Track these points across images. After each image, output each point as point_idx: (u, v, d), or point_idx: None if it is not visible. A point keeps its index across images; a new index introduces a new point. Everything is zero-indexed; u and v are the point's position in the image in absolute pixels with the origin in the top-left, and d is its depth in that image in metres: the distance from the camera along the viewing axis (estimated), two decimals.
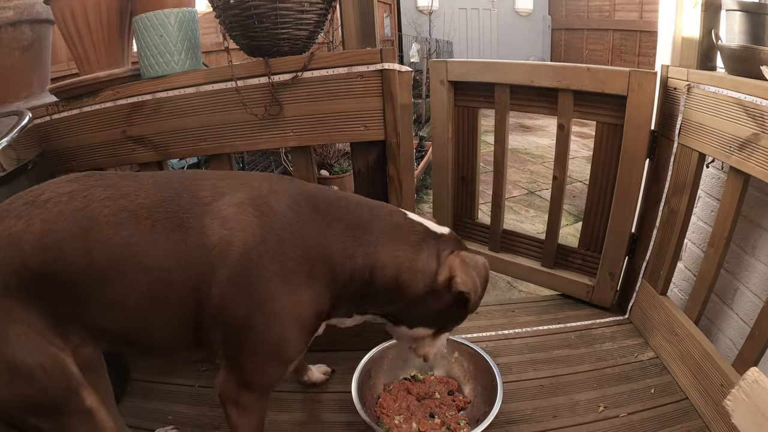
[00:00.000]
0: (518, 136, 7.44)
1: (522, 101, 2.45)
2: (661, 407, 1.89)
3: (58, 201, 1.20)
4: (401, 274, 1.34)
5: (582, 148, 6.44)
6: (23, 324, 1.17)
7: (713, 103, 1.87)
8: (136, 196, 1.24)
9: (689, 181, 2.03)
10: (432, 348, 1.58)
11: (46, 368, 1.20)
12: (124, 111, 1.96)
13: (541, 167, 6.07)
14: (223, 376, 1.34)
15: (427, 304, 1.40)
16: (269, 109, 1.85)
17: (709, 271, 1.93)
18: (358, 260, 1.31)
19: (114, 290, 1.20)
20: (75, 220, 1.18)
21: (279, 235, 1.25)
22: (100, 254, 1.18)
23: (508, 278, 3.56)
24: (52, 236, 1.17)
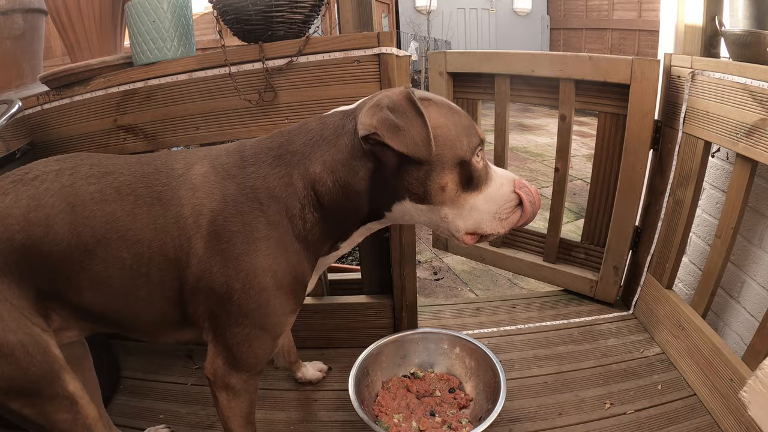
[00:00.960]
0: (518, 135, 7.42)
1: (523, 92, 2.42)
2: (668, 404, 1.85)
3: (44, 179, 1.21)
4: (336, 172, 1.22)
5: (582, 146, 6.43)
6: (6, 302, 1.17)
7: (718, 90, 1.84)
8: (120, 173, 1.26)
9: (695, 170, 1.99)
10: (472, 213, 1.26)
11: (29, 348, 1.19)
12: (115, 99, 1.93)
13: (541, 165, 6.06)
14: (212, 355, 1.32)
15: (377, 180, 1.23)
16: (263, 95, 1.81)
17: (716, 263, 1.89)
18: (297, 185, 1.24)
19: (99, 266, 1.21)
20: (62, 197, 1.19)
21: (235, 196, 1.23)
22: (86, 229, 1.19)
23: (509, 275, 3.52)
24: (38, 212, 1.18)
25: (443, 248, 2.91)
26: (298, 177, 1.23)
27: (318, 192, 1.23)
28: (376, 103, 1.16)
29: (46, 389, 1.23)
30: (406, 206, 1.24)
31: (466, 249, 2.80)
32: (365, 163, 1.21)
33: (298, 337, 1.93)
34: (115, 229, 1.20)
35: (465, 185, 1.23)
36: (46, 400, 1.23)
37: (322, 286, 2.16)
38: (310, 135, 1.26)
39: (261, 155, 1.26)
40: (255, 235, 1.22)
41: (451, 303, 2.59)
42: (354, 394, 1.71)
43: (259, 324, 1.27)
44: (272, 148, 1.27)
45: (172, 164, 1.29)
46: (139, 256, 1.21)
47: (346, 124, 1.24)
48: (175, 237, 1.21)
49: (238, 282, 1.22)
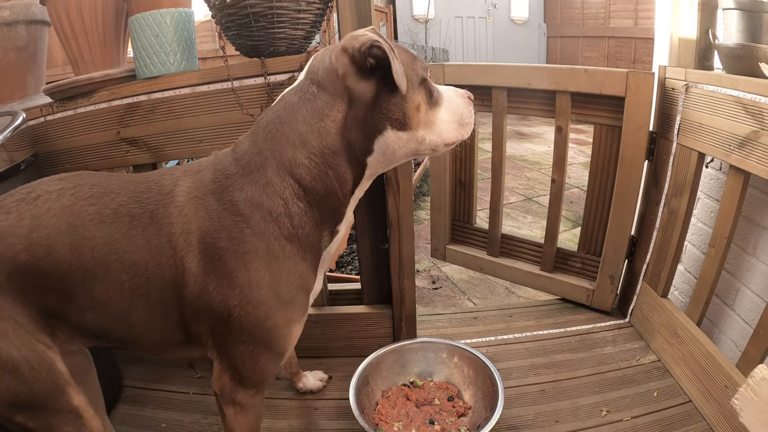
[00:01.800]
0: (515, 143, 7.43)
1: (520, 104, 2.44)
2: (664, 410, 1.87)
3: (47, 198, 1.22)
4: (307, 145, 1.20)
5: (579, 154, 6.44)
6: (10, 320, 1.18)
7: (712, 102, 1.86)
8: (117, 194, 1.25)
9: (689, 181, 2.02)
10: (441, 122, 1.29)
11: (33, 365, 1.20)
12: (118, 112, 1.95)
13: (538, 174, 6.07)
14: (218, 371, 1.33)
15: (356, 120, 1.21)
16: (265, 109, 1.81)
17: (710, 271, 1.91)
18: (275, 181, 1.21)
19: (100, 287, 1.21)
20: (63, 217, 1.20)
21: (217, 211, 1.21)
22: (87, 251, 1.19)
23: (506, 284, 3.54)
24: (40, 231, 1.18)
25: (441, 258, 2.93)
26: (273, 174, 1.20)
27: (297, 177, 1.20)
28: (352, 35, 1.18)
29: (52, 403, 1.25)
30: (388, 138, 1.22)
31: (464, 259, 2.84)
32: (334, 114, 1.20)
33: (299, 347, 1.94)
34: (114, 250, 1.20)
35: (429, 102, 1.27)
36: (51, 414, 1.25)
37: (322, 297, 2.17)
38: (270, 127, 1.23)
39: (232, 167, 1.24)
40: (243, 248, 1.20)
41: (450, 312, 2.61)
42: (354, 403, 1.73)
43: (261, 340, 1.26)
44: (239, 156, 1.24)
45: (161, 181, 1.28)
46: (137, 278, 1.21)
47: (302, 95, 1.22)
48: (169, 257, 1.21)
49: (235, 298, 1.21)
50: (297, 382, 1.99)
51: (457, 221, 2.85)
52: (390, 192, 1.91)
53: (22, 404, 1.22)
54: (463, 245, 2.87)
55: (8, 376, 1.18)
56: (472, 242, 2.84)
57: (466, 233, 2.84)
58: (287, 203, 1.21)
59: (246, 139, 1.28)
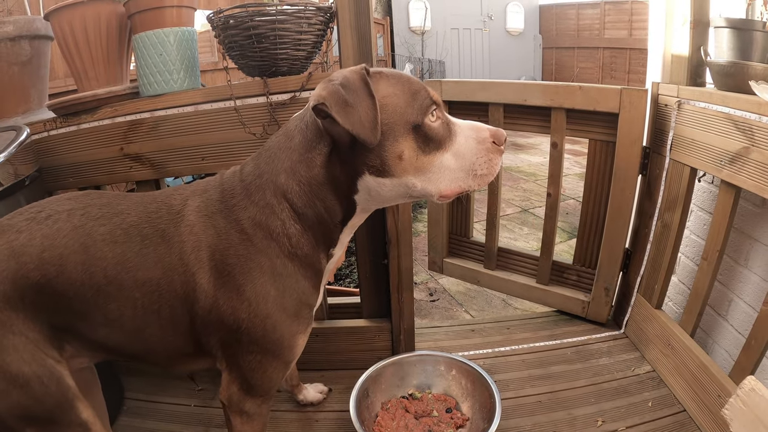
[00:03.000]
0: (510, 155, 7.48)
1: (516, 120, 2.47)
2: (659, 420, 1.89)
3: (57, 218, 1.25)
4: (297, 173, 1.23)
5: (574, 165, 6.48)
6: (21, 336, 1.21)
7: (703, 119, 1.90)
8: (127, 214, 1.29)
9: (681, 195, 2.05)
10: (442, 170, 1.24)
11: (43, 379, 1.22)
12: (122, 128, 1.97)
13: (534, 185, 6.10)
14: (226, 382, 1.36)
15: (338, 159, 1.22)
16: (267, 128, 1.86)
17: (704, 283, 1.94)
18: (272, 203, 1.24)
19: (112, 305, 1.24)
20: (74, 237, 1.23)
21: (225, 229, 1.25)
22: (99, 270, 1.22)
23: (503, 296, 3.56)
24: (52, 251, 1.21)
25: (439, 270, 2.95)
26: (270, 196, 1.24)
27: (291, 201, 1.23)
28: (330, 78, 1.15)
29: (61, 417, 1.27)
30: (368, 182, 1.21)
31: (462, 272, 2.86)
32: (321, 148, 1.21)
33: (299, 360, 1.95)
34: (126, 269, 1.23)
35: (424, 148, 1.19)
36: (60, 427, 1.28)
37: (322, 310, 2.19)
38: (271, 152, 1.27)
39: (238, 188, 1.27)
40: (249, 265, 1.24)
41: (447, 325, 2.63)
42: (355, 415, 1.75)
43: (269, 350, 1.30)
44: (244, 177, 1.28)
45: (170, 201, 1.32)
46: (149, 295, 1.24)
47: (298, 124, 1.25)
48: (181, 273, 1.24)
49: (243, 312, 1.25)
50: (297, 394, 2.01)
51: (455, 234, 2.88)
52: (389, 209, 1.93)
53: (33, 417, 1.24)
54: (460, 258, 2.89)
55: (19, 391, 1.20)
56: (469, 255, 2.86)
57: (463, 246, 2.86)
58: (285, 224, 1.25)
59: (251, 161, 1.32)
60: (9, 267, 1.19)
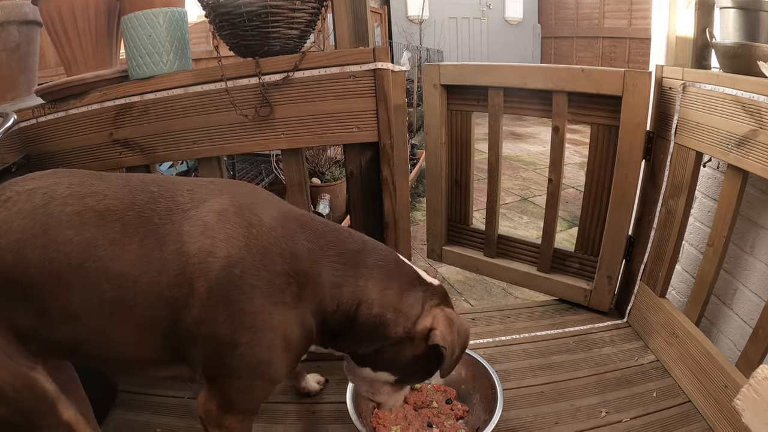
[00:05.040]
0: (510, 144, 7.42)
1: (516, 104, 2.42)
2: (663, 411, 1.86)
3: (17, 200, 1.13)
4: (386, 313, 1.28)
5: (574, 154, 6.44)
6: None
7: (709, 101, 1.85)
8: (104, 196, 1.17)
9: (686, 180, 2.01)
10: (390, 399, 1.53)
11: (16, 387, 1.15)
12: (111, 113, 1.92)
13: (534, 174, 6.06)
14: (205, 397, 1.27)
15: (399, 349, 1.33)
16: (259, 110, 1.81)
17: (709, 271, 1.90)
18: (347, 291, 1.26)
19: (74, 297, 1.12)
20: (33, 218, 1.11)
21: (266, 249, 1.18)
22: (60, 255, 1.10)
23: (503, 285, 3.52)
24: (9, 236, 1.09)
25: (438, 258, 2.91)
26: (351, 285, 1.25)
27: (359, 310, 1.26)
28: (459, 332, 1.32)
29: (41, 421, 1.21)
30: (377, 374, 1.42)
31: (461, 259, 2.82)
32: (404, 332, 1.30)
33: None
34: (94, 257, 1.11)
35: None
36: (42, 430, 1.22)
37: None
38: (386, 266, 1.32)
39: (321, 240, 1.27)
40: (280, 297, 1.19)
41: None
42: (351, 407, 1.71)
43: (261, 376, 1.24)
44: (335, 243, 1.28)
45: (173, 195, 1.21)
46: (121, 290, 1.12)
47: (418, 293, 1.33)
48: (171, 276, 1.13)
49: (245, 337, 1.17)
50: (299, 382, 1.96)
51: (454, 222, 2.83)
52: (386, 193, 1.90)
53: (10, 423, 1.18)
54: (459, 246, 2.85)
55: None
56: (469, 243, 2.82)
57: (463, 234, 2.82)
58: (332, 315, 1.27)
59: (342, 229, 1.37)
60: None
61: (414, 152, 5.92)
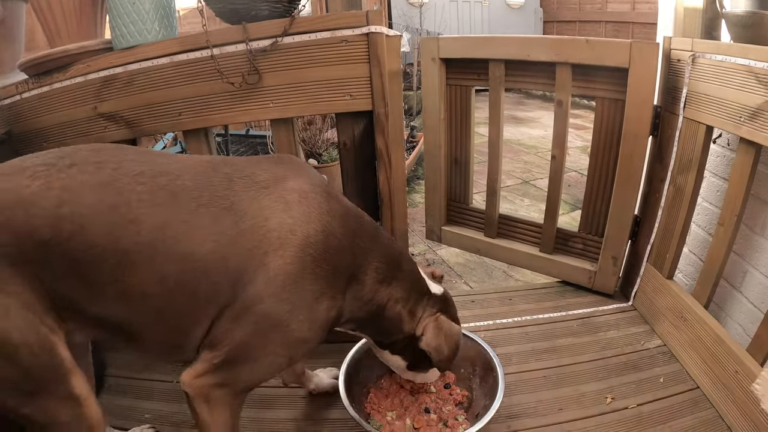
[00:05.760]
0: (511, 128, 7.37)
1: (518, 77, 2.36)
2: (671, 397, 1.81)
3: (83, 170, 1.09)
4: (403, 313, 1.44)
5: (576, 138, 6.38)
6: (15, 297, 1.05)
7: (720, 73, 1.78)
8: (177, 176, 1.16)
9: (696, 156, 1.94)
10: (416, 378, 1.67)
11: (34, 349, 1.08)
12: (95, 86, 1.87)
13: (535, 157, 6.01)
14: (201, 372, 1.20)
15: (408, 343, 1.50)
16: (247, 78, 1.75)
17: (719, 251, 1.84)
18: (383, 289, 1.38)
19: (136, 279, 1.09)
20: (102, 195, 1.08)
21: (340, 240, 1.24)
22: (128, 236, 1.07)
23: (504, 267, 3.48)
24: (71, 207, 1.05)
25: (437, 239, 2.86)
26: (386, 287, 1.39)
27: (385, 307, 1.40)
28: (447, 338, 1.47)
29: (50, 390, 1.14)
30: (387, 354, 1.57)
31: (461, 240, 2.77)
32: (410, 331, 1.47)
33: None
34: (164, 238, 1.09)
35: None
36: (48, 400, 1.14)
37: None
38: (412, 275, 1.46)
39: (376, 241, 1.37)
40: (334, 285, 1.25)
41: None
42: (344, 392, 1.65)
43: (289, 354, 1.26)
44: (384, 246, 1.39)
45: (251, 174, 1.22)
46: (188, 272, 1.11)
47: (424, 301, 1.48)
48: (245, 249, 1.13)
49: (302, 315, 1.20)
50: (307, 384, 1.86)
51: (453, 201, 2.77)
52: (381, 165, 1.85)
53: (17, 389, 1.11)
54: (459, 226, 2.80)
55: (4, 360, 1.06)
56: (469, 223, 2.76)
57: (463, 213, 2.77)
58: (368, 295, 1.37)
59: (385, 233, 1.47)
60: (14, 217, 1.03)
61: (413, 134, 5.87)
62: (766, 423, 1.49)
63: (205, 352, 1.20)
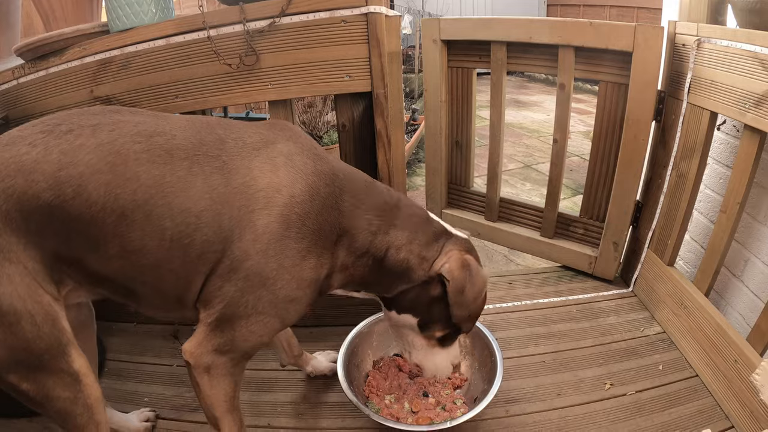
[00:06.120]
0: (513, 111, 7.33)
1: (520, 60, 2.33)
2: (670, 385, 1.81)
3: (80, 133, 1.11)
4: (410, 257, 1.35)
5: (579, 123, 6.34)
6: (19, 265, 1.07)
7: (726, 59, 1.76)
8: (172, 136, 1.18)
9: (699, 142, 1.92)
10: (428, 360, 1.54)
11: (36, 319, 1.09)
12: (91, 69, 1.84)
13: (537, 141, 5.98)
14: (200, 339, 1.22)
15: (420, 291, 1.39)
16: (245, 59, 1.73)
17: (721, 238, 1.83)
18: (378, 238, 1.33)
19: (135, 234, 1.12)
20: (100, 155, 1.10)
21: (325, 199, 1.24)
22: (126, 193, 1.10)
23: (504, 251, 3.47)
24: (71, 169, 1.07)
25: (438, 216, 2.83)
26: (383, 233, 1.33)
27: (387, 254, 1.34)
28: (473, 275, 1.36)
29: (50, 364, 1.13)
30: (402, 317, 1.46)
31: (461, 223, 2.75)
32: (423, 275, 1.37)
33: None
34: (161, 194, 1.11)
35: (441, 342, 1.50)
36: (47, 375, 1.14)
37: None
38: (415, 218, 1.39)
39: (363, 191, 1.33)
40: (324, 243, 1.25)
41: None
42: (343, 375, 1.65)
43: (281, 315, 1.25)
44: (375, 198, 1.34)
45: (242, 136, 1.23)
46: (183, 226, 1.13)
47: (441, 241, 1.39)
48: (234, 207, 1.15)
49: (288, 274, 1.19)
50: (305, 366, 1.87)
51: (454, 184, 2.76)
52: (380, 146, 1.83)
53: (17, 362, 1.10)
54: (459, 209, 2.79)
55: (5, 330, 1.06)
56: (470, 206, 2.75)
57: (463, 197, 2.76)
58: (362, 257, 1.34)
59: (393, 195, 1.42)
60: (15, 185, 1.05)
61: (415, 117, 5.84)
62: (765, 413, 1.48)
63: (201, 313, 1.22)
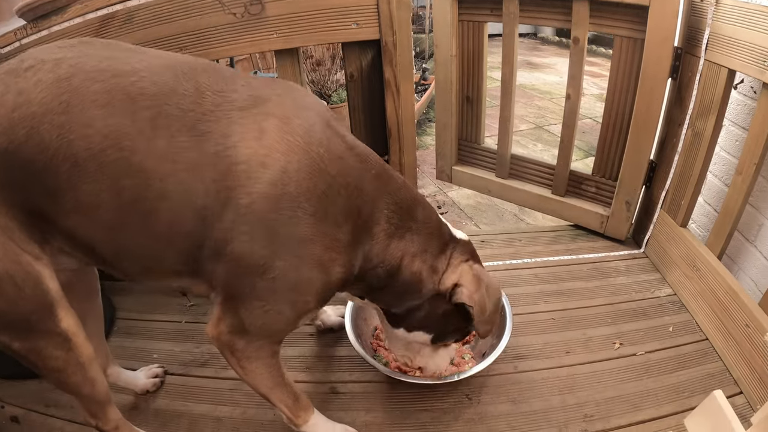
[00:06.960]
0: (525, 73, 7.21)
1: (533, 12, 2.25)
2: (679, 347, 1.80)
3: (39, 68, 0.98)
4: (422, 270, 1.24)
5: (592, 86, 6.25)
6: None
7: (746, 14, 1.70)
8: (140, 77, 1.01)
9: (716, 101, 1.86)
10: (431, 361, 1.50)
11: (17, 280, 1.03)
12: (94, 26, 1.79)
13: (549, 103, 5.91)
14: (216, 318, 1.16)
15: (431, 307, 1.31)
16: (249, 8, 1.70)
17: (736, 201, 1.79)
18: (394, 242, 1.20)
19: (88, 187, 0.99)
20: (55, 92, 0.97)
21: (332, 176, 1.07)
22: (79, 138, 0.97)
23: (515, 210, 3.46)
24: (24, 109, 0.96)
25: (447, 179, 2.83)
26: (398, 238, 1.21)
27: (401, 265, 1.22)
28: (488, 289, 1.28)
29: (37, 325, 1.09)
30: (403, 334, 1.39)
31: (472, 180, 2.74)
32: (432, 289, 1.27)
33: None
34: (117, 146, 0.97)
35: None
36: (37, 336, 1.11)
37: None
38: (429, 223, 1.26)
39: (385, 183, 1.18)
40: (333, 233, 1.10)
41: None
42: (351, 328, 1.65)
43: (287, 305, 1.15)
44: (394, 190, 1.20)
45: (225, 90, 1.06)
46: (143, 189, 1.00)
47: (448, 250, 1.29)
48: (209, 181, 1.00)
49: (284, 262, 1.06)
50: (314, 320, 1.85)
51: (464, 140, 2.72)
52: (389, 96, 1.81)
53: (4, 324, 1.07)
54: (470, 166, 2.76)
55: None
56: (480, 163, 2.72)
57: (474, 153, 2.72)
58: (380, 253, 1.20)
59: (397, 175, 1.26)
60: None
61: (425, 77, 5.76)
62: None
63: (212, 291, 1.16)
